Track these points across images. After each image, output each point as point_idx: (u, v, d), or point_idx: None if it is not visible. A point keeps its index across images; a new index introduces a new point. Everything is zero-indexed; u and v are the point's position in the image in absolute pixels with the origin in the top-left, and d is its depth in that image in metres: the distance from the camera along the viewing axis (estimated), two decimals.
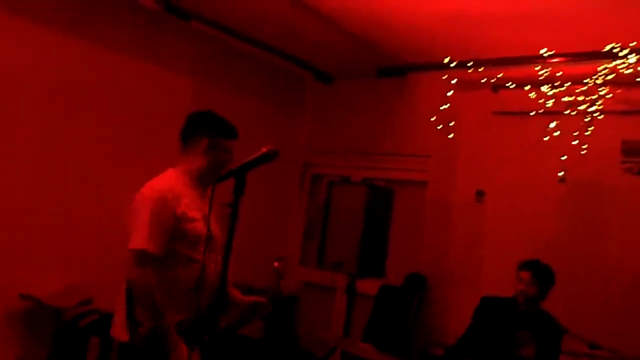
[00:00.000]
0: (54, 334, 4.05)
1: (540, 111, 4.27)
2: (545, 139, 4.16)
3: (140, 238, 2.44)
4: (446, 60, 4.47)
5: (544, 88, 4.15)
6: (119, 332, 2.57)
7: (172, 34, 4.85)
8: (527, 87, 4.44)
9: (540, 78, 4.13)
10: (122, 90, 4.56)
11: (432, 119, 4.60)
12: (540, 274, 3.60)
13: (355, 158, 5.80)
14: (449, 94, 4.59)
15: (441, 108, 4.55)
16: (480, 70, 4.57)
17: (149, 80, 4.74)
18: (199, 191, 2.69)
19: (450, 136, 4.63)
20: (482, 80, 4.63)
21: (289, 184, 6.15)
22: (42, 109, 4.12)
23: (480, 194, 4.92)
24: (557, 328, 3.52)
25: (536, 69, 4.16)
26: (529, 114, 4.44)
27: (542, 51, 4.09)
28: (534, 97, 4.33)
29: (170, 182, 2.63)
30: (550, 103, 4.12)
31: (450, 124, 4.59)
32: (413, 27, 4.43)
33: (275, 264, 5.73)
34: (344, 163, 5.87)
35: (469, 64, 4.54)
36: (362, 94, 5.85)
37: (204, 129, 2.72)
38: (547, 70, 4.11)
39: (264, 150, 2.28)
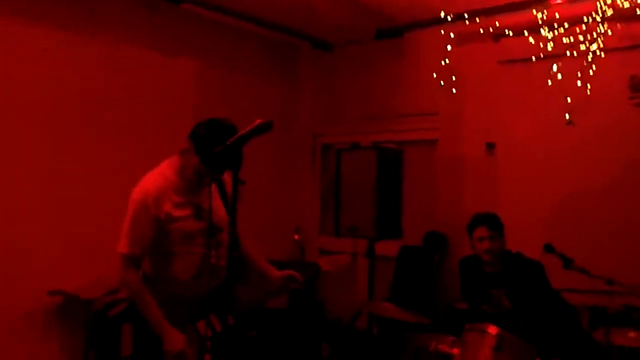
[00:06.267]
0: (86, 325, 4.17)
1: (541, 56, 4.20)
2: (549, 83, 4.10)
3: (123, 242, 2.62)
4: (442, 14, 4.40)
5: (544, 32, 4.06)
6: None
7: (164, 19, 4.84)
8: (527, 33, 4.37)
9: (540, 22, 4.05)
10: (123, 79, 4.58)
11: (434, 76, 4.55)
12: (493, 222, 3.51)
13: (363, 123, 5.78)
14: (449, 48, 4.53)
15: (442, 63, 4.49)
16: (478, 20, 4.49)
17: (148, 66, 4.77)
18: (194, 185, 2.66)
19: (454, 91, 4.58)
20: (481, 31, 4.55)
21: (301, 156, 6.18)
22: (49, 108, 4.17)
23: (490, 146, 4.90)
24: (530, 264, 3.45)
25: (534, 12, 4.08)
26: (533, 59, 4.37)
27: None
28: (533, 42, 4.25)
29: (159, 181, 2.65)
30: (550, 46, 4.05)
31: (454, 79, 4.54)
32: None
33: (296, 236, 5.82)
34: (353, 129, 5.86)
35: (465, 16, 4.47)
36: (363, 58, 5.81)
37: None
38: (545, 13, 4.02)
39: (257, 122, 2.24)
